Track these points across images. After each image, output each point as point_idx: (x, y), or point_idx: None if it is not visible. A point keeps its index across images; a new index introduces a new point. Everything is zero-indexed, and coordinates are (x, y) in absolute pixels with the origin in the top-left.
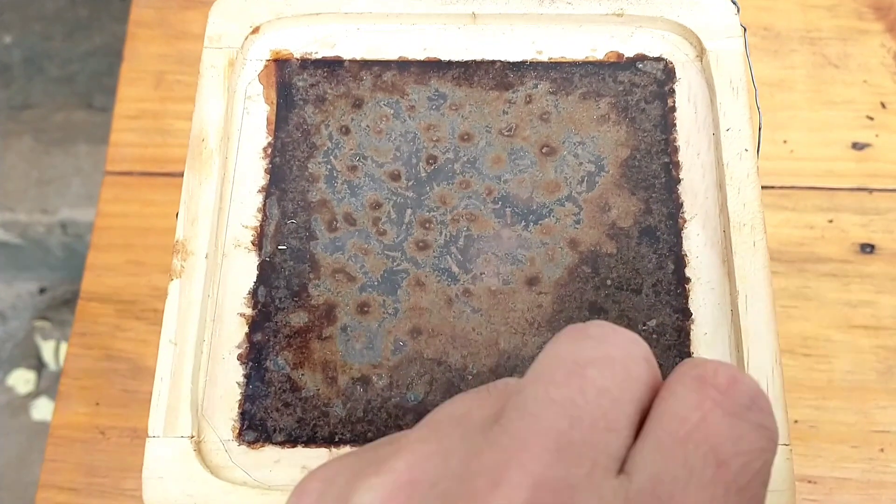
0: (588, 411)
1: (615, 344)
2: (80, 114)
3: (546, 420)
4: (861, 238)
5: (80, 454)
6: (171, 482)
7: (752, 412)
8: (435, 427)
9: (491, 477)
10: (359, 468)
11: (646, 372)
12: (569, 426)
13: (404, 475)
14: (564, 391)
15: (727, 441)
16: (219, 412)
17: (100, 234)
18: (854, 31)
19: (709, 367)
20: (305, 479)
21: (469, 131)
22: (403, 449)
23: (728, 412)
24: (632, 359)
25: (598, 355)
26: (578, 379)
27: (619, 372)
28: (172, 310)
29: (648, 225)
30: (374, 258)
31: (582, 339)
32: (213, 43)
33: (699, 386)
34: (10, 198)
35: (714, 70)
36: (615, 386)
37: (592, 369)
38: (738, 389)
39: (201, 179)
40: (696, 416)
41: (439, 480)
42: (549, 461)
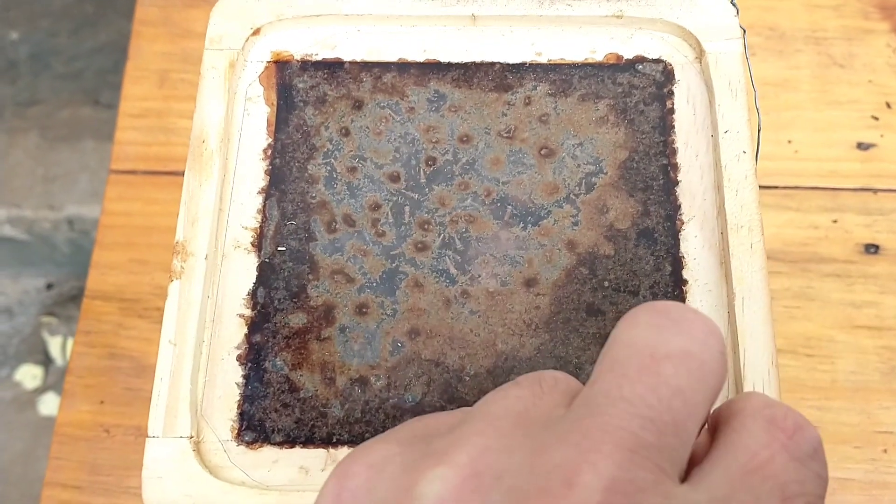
0: (660, 413)
1: (694, 335)
2: (86, 110)
3: (617, 419)
4: (865, 238)
5: (84, 452)
6: (170, 482)
7: (814, 461)
8: (492, 421)
9: (563, 476)
10: (412, 458)
11: (720, 368)
12: (640, 428)
13: (468, 467)
14: (638, 388)
15: (793, 481)
16: (218, 412)
17: (104, 233)
18: (859, 30)
19: (778, 411)
20: (346, 462)
21: (468, 133)
22: (463, 441)
23: (794, 456)
24: (709, 354)
25: (675, 349)
26: (653, 376)
27: (696, 371)
28: (172, 310)
29: (646, 227)
30: (373, 259)
31: (660, 325)
32: (213, 44)
33: (769, 427)
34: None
35: (713, 72)
36: (690, 387)
37: (668, 366)
38: (803, 437)
39: (201, 180)
40: (765, 454)
41: (504, 474)
42: (621, 463)
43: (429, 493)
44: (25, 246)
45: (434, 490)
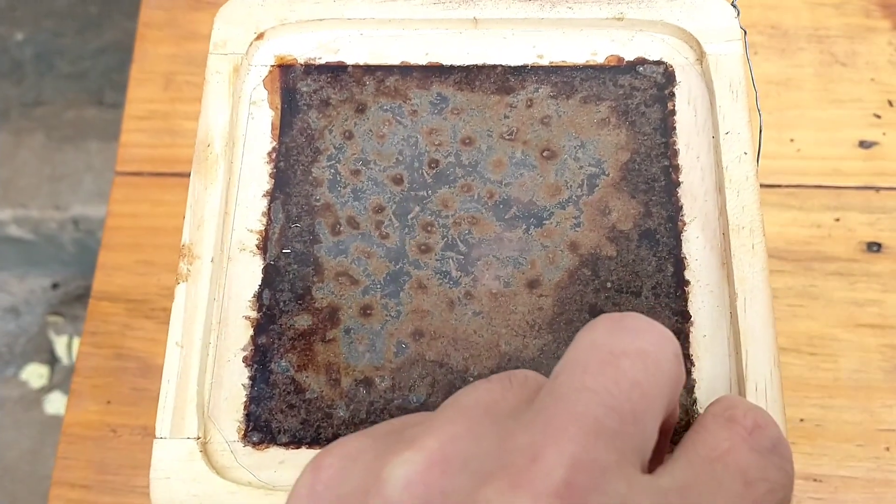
0: (620, 402)
1: (649, 339)
2: (91, 110)
3: (581, 405)
4: (868, 237)
5: (91, 451)
6: (177, 483)
7: (773, 454)
8: (463, 411)
9: (528, 454)
10: (384, 446)
11: (675, 368)
12: (603, 414)
13: (437, 452)
14: (599, 379)
15: (754, 468)
16: (224, 414)
17: (110, 234)
18: (862, 28)
19: (739, 409)
20: (320, 455)
21: (470, 135)
22: (434, 428)
23: (753, 448)
24: (664, 355)
25: (633, 348)
26: (613, 369)
27: (651, 367)
28: (179, 313)
29: (648, 228)
30: (377, 261)
31: (618, 329)
32: (218, 49)
33: (729, 424)
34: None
35: (714, 73)
36: (647, 381)
37: (626, 361)
38: (762, 433)
39: (207, 184)
40: (725, 445)
41: (472, 459)
42: (585, 444)
43: (397, 475)
44: (31, 246)
45: (402, 473)
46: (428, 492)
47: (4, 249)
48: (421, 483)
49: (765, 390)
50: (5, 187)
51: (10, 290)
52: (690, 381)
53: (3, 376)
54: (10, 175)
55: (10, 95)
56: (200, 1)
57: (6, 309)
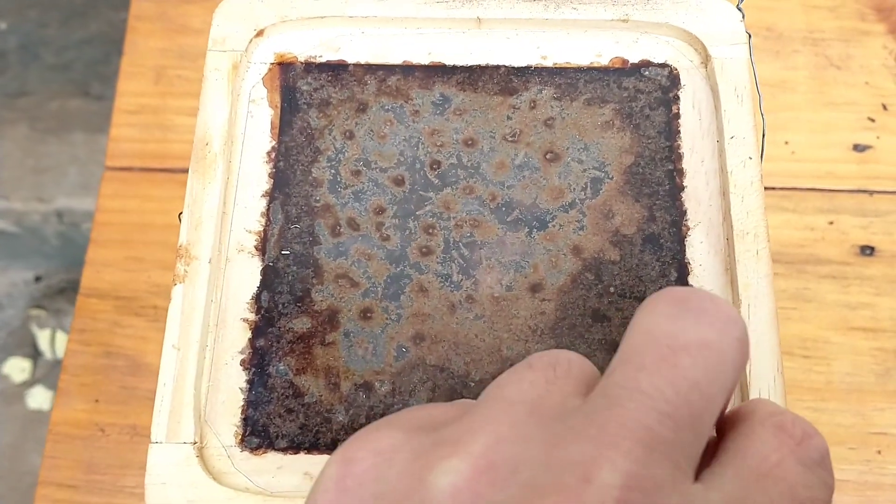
0: (677, 407)
1: (712, 325)
2: (76, 102)
3: (635, 412)
4: (861, 240)
5: (79, 451)
6: (173, 488)
7: (821, 468)
8: (506, 408)
9: (581, 471)
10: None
11: (739, 356)
12: (657, 422)
13: (483, 458)
14: (655, 381)
15: (802, 486)
16: (221, 418)
17: (99, 230)
18: (856, 32)
19: (787, 417)
20: (350, 447)
21: (473, 136)
22: (476, 430)
23: (802, 462)
24: (728, 342)
25: (693, 339)
26: (671, 368)
27: (713, 361)
28: (175, 314)
29: (652, 232)
30: (378, 263)
31: (678, 313)
32: (217, 46)
33: (778, 432)
34: (6, 186)
35: (719, 77)
36: (706, 379)
37: (686, 357)
38: (811, 444)
39: (205, 183)
40: (775, 458)
41: (520, 466)
42: (639, 459)
43: (443, 483)
44: (14, 238)
45: (448, 481)
46: (476, 501)
47: None
48: (468, 492)
49: (768, 396)
50: None
51: None
52: None
53: None
54: None
55: None
56: None
57: None
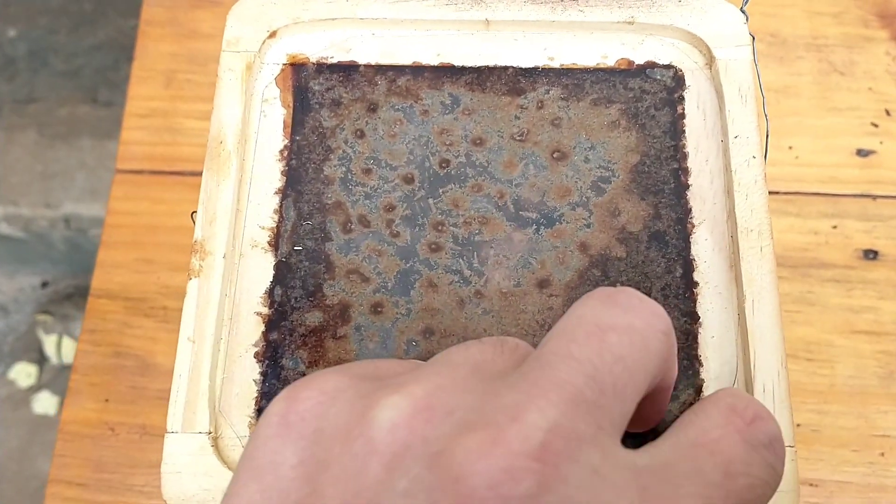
0: (603, 374)
1: (639, 314)
2: (84, 108)
3: (564, 373)
4: (864, 244)
5: (89, 450)
6: (188, 477)
7: (766, 450)
8: (451, 366)
9: (510, 414)
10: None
11: (663, 346)
12: (584, 384)
13: (422, 400)
14: (584, 350)
15: (739, 462)
16: (236, 409)
17: (110, 232)
18: (860, 38)
19: (741, 401)
20: (297, 387)
21: (481, 136)
22: (422, 378)
23: (746, 440)
24: (652, 331)
25: (621, 322)
26: (598, 342)
27: (637, 342)
28: (191, 308)
29: (657, 230)
30: (388, 259)
31: (609, 304)
32: (230, 46)
33: (728, 412)
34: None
35: (723, 78)
36: (631, 356)
37: (613, 335)
38: (760, 426)
39: (219, 180)
40: (717, 433)
41: (456, 410)
42: (565, 411)
43: (382, 418)
44: (22, 244)
45: (387, 416)
46: (411, 436)
47: None
48: (405, 427)
49: (772, 391)
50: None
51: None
52: (698, 382)
53: None
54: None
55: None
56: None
57: None
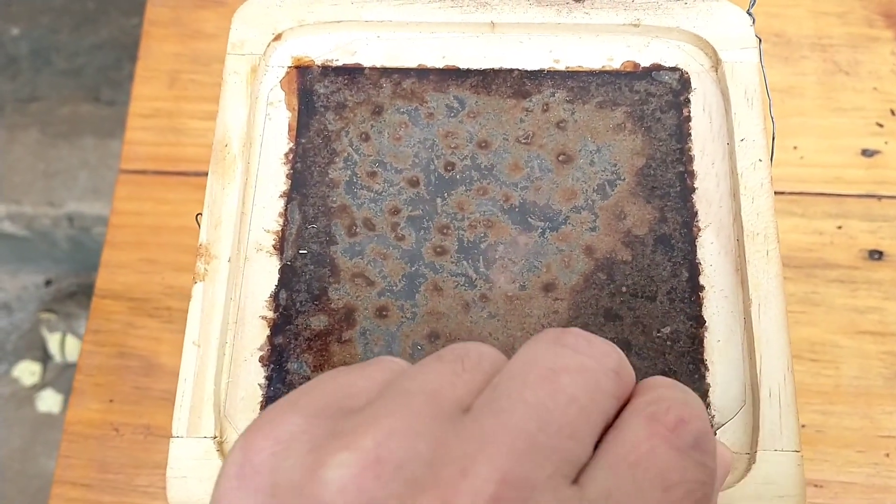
0: (556, 417)
1: (590, 355)
2: (86, 107)
3: (516, 419)
4: (869, 244)
5: (93, 450)
6: (194, 481)
7: (695, 451)
8: (404, 400)
9: (460, 467)
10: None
11: (615, 384)
12: (537, 429)
13: (372, 453)
14: (537, 393)
15: (673, 470)
16: (241, 413)
17: (114, 232)
18: (864, 38)
19: (661, 405)
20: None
21: (487, 138)
22: (371, 422)
23: (673, 447)
24: (603, 371)
25: (573, 364)
26: (551, 384)
27: (590, 383)
28: (196, 312)
29: (663, 233)
30: (393, 263)
31: (558, 347)
32: (235, 49)
33: (649, 422)
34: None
35: (729, 80)
36: (584, 396)
37: (566, 377)
38: (684, 429)
39: (224, 184)
40: (646, 447)
41: (406, 463)
42: (516, 459)
43: (333, 478)
44: (25, 242)
45: (337, 475)
46: (360, 498)
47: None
48: (355, 487)
49: (778, 395)
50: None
51: (3, 286)
52: (704, 386)
53: None
54: (3, 171)
55: (5, 90)
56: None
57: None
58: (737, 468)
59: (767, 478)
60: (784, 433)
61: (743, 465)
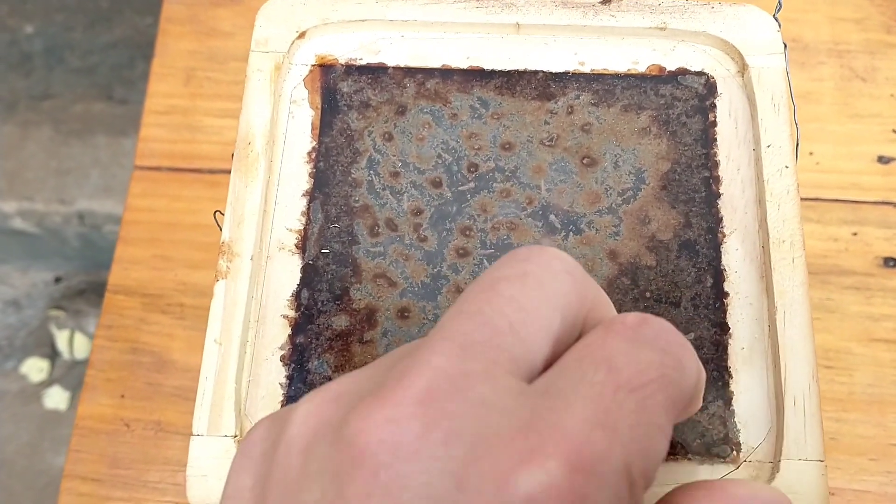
0: (492, 317)
1: (534, 262)
2: (99, 105)
3: (453, 325)
4: (885, 252)
5: (104, 445)
6: (214, 480)
7: (655, 341)
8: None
9: (399, 372)
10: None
11: (566, 284)
12: (473, 330)
13: (332, 390)
14: (475, 304)
15: (622, 355)
16: (261, 412)
17: (128, 228)
18: (882, 44)
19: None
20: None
21: (510, 140)
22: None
23: (627, 339)
24: (549, 273)
25: (513, 272)
26: (489, 292)
27: (531, 284)
28: (218, 310)
29: (688, 238)
30: (415, 264)
31: (506, 260)
32: (259, 47)
33: (610, 324)
34: (29, 187)
35: (756, 86)
36: (524, 295)
37: (504, 284)
38: (645, 327)
39: (247, 182)
40: (597, 342)
41: (361, 391)
42: (450, 357)
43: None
44: (35, 239)
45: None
46: (319, 421)
47: (8, 242)
48: (315, 415)
49: (803, 404)
50: (11, 180)
51: (13, 282)
52: (728, 394)
53: (2, 369)
54: (16, 167)
55: (19, 88)
56: None
57: (7, 302)
58: (760, 477)
59: (791, 487)
60: (809, 442)
61: (766, 473)
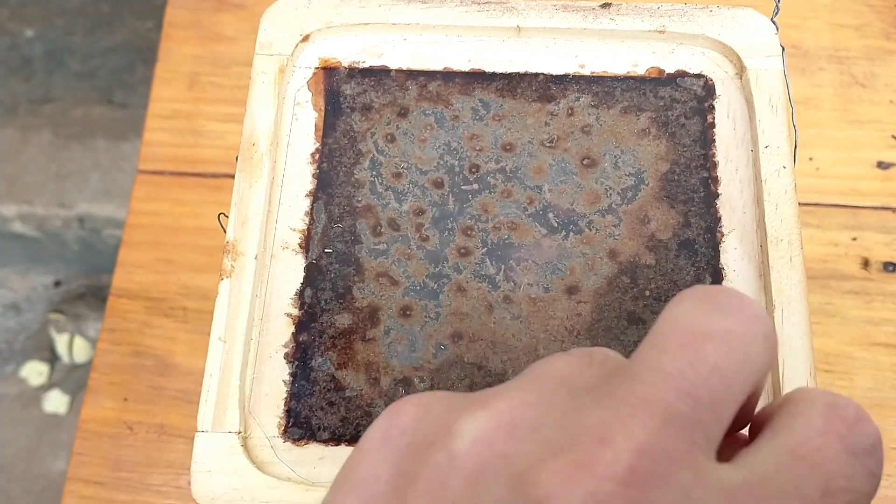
0: (696, 388)
1: (738, 318)
2: (99, 109)
3: (655, 388)
4: (884, 256)
5: (107, 448)
6: (218, 476)
7: (869, 458)
8: (537, 380)
9: (597, 435)
10: (458, 403)
11: (764, 353)
12: (676, 399)
13: (506, 415)
14: (676, 362)
15: (840, 476)
16: (265, 409)
17: (131, 232)
18: (881, 50)
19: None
20: (398, 403)
21: (511, 142)
22: (505, 394)
23: (848, 449)
24: (752, 338)
25: (718, 329)
26: (693, 352)
27: (736, 351)
28: (222, 308)
29: (687, 238)
30: (417, 263)
31: (706, 306)
32: (263, 50)
33: (828, 413)
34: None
35: (753, 88)
36: (728, 366)
37: (708, 344)
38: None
39: (251, 182)
40: (818, 442)
41: (541, 427)
42: (654, 430)
43: (466, 431)
44: (35, 243)
45: (471, 429)
46: (492, 452)
47: (8, 246)
48: (487, 442)
49: None
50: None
51: (12, 286)
52: None
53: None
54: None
55: (19, 91)
56: (225, 3)
57: (7, 305)
58: None
59: None
60: None
61: None
